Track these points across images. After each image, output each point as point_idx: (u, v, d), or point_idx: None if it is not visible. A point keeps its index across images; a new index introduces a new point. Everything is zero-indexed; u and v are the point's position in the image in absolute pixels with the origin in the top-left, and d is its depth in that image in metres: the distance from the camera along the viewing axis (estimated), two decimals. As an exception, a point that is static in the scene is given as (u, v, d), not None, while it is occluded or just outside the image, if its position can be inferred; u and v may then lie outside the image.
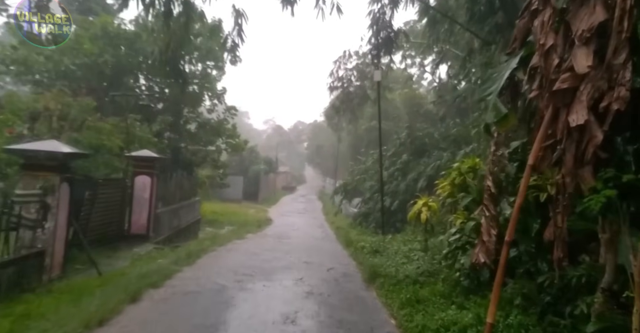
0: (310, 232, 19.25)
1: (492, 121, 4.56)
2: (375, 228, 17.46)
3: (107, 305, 5.56)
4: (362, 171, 21.89)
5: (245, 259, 9.85)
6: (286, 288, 7.24)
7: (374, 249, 10.10)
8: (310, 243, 14.50)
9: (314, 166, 65.00)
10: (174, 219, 11.88)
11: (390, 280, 7.21)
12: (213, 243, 11.98)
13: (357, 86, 20.11)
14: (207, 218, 22.28)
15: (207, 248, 11.02)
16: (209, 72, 19.89)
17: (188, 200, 13.17)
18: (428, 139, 18.91)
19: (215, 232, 17.98)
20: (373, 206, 18.75)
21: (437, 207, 9.57)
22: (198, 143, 21.16)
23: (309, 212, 30.97)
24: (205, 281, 7.39)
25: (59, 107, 10.39)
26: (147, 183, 10.37)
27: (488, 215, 4.92)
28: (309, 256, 10.73)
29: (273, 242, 13.95)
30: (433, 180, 16.07)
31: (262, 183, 36.00)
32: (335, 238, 17.23)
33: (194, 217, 13.76)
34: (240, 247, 12.08)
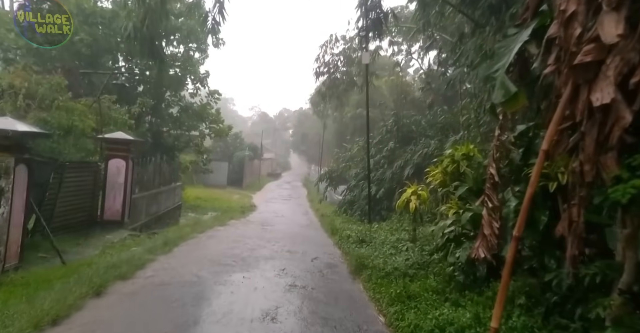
0: (295, 219, 18.71)
1: (499, 101, 3.98)
2: (360, 216, 16.99)
3: (65, 299, 4.89)
4: (348, 159, 21.32)
5: (226, 247, 9.23)
6: (268, 280, 6.66)
7: (359, 238, 9.58)
8: (294, 230, 13.94)
9: (299, 154, 64.24)
10: (153, 205, 11.13)
11: (378, 273, 6.69)
12: (193, 230, 11.31)
13: (344, 71, 19.39)
14: (190, 203, 21.54)
15: (187, 235, 10.35)
16: (191, 55, 18.88)
17: (168, 185, 12.41)
18: (415, 127, 18.40)
19: (197, 218, 17.28)
20: (358, 194, 18.26)
21: (427, 196, 9.07)
22: (181, 127, 20.23)
23: (293, 199, 30.42)
24: (180, 271, 6.75)
25: (26, 85, 9.45)
26: (121, 167, 9.58)
27: (490, 206, 4.39)
28: (292, 245, 10.17)
29: (256, 229, 13.35)
30: (420, 168, 15.65)
31: (246, 169, 35.19)
32: (319, 225, 16.73)
33: (174, 203, 13.02)
34: (222, 234, 11.44)
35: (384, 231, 10.74)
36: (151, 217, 10.95)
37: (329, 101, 20.38)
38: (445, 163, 7.73)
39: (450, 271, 5.67)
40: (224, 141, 35.60)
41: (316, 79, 19.45)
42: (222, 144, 35.67)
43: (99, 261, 6.74)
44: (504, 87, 3.96)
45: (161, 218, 11.74)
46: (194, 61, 19.06)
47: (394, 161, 17.43)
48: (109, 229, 9.20)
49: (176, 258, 7.83)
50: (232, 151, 35.40)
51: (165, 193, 12.14)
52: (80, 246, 7.83)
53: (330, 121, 39.32)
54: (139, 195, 10.60)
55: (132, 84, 18.24)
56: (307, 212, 22.68)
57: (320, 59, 19.18)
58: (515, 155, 4.76)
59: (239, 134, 37.18)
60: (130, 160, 9.84)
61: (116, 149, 9.56)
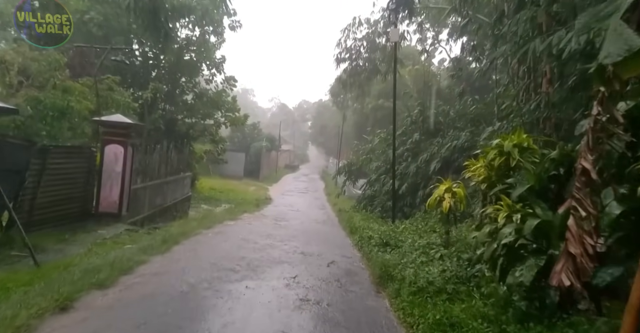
0: (311, 214, 17.55)
1: (612, 60, 2.64)
2: (381, 213, 15.70)
3: (18, 315, 3.83)
4: (368, 151, 19.97)
5: (232, 247, 8.11)
6: (275, 292, 5.49)
7: (383, 240, 8.30)
8: (309, 227, 12.77)
9: (318, 146, 63.02)
10: (157, 196, 10.13)
11: (409, 287, 5.43)
12: (200, 225, 10.25)
13: (367, 58, 17.97)
14: (205, 194, 20.67)
15: (191, 230, 9.28)
16: (206, 39, 17.77)
17: (176, 175, 11.39)
18: (442, 118, 16.88)
19: (208, 211, 16.31)
20: (379, 189, 16.94)
21: (464, 194, 7.72)
22: (195, 115, 19.24)
23: (310, 192, 29.29)
24: (173, 278, 5.64)
25: (20, 60, 8.47)
26: (119, 153, 8.54)
27: (582, 215, 3.07)
28: (306, 245, 8.99)
29: (269, 225, 12.23)
30: (448, 162, 14.23)
31: (263, 160, 34.19)
32: (337, 222, 15.52)
33: (183, 194, 12.02)
34: (231, 230, 10.35)
35: (410, 232, 9.42)
36: (155, 210, 9.93)
37: (350, 89, 19.02)
38: (490, 155, 6.37)
39: (506, 294, 4.37)
40: (241, 132, 34.66)
41: (337, 65, 18.12)
42: (239, 135, 34.75)
43: (80, 263, 5.69)
44: (621, 40, 2.61)
45: (167, 210, 10.74)
46: (209, 46, 17.95)
47: (418, 154, 16.03)
48: (103, 223, 8.20)
49: (173, 259, 6.73)
50: (250, 142, 34.42)
51: (173, 184, 11.13)
52: (64, 243, 6.82)
53: (350, 112, 37.93)
54: (141, 185, 9.58)
55: (146, 68, 17.28)
56: (324, 206, 21.50)
57: (341, 44, 17.83)
58: (617, 143, 3.39)
59: (256, 124, 36.17)
60: (129, 146, 8.78)
61: (114, 133, 8.51)
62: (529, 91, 10.93)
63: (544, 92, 9.90)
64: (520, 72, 12.19)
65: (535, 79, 10.66)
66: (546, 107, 9.67)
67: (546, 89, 10.01)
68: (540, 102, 9.65)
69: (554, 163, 4.63)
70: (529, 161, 5.57)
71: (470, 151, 13.70)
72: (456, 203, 7.80)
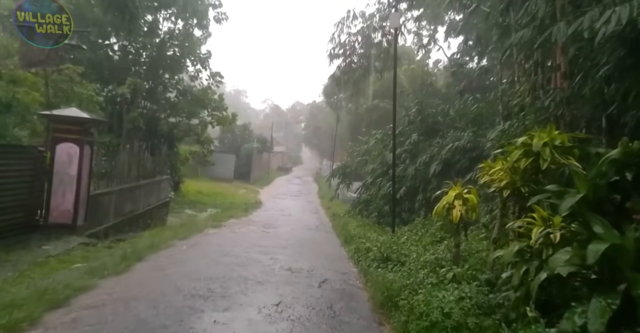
0: (303, 219, 16.37)
1: None
2: (377, 219, 14.55)
3: None
4: (363, 153, 18.82)
5: (208, 263, 6.88)
6: (251, 328, 4.29)
7: (383, 254, 7.13)
8: (300, 235, 11.59)
9: (311, 148, 61.86)
10: (126, 202, 8.86)
11: (419, 320, 4.28)
12: (175, 235, 9.02)
13: (362, 54, 16.85)
14: (190, 198, 19.38)
15: (163, 242, 8.05)
16: (190, 32, 16.54)
17: (151, 178, 10.12)
18: (441, 118, 15.80)
19: (192, 216, 15.08)
20: (375, 193, 15.78)
21: (477, 201, 6.57)
22: (179, 114, 17.97)
23: (303, 195, 28.10)
24: (118, 311, 4.41)
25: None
26: (73, 153, 7.26)
27: None
28: (296, 258, 7.81)
29: (256, 233, 11.03)
30: (449, 164, 13.13)
31: (254, 162, 32.92)
32: (331, 228, 14.37)
33: (159, 199, 10.75)
34: (211, 241, 9.11)
35: (412, 243, 8.25)
36: (123, 218, 8.66)
37: (344, 87, 17.88)
38: (514, 156, 5.23)
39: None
40: (231, 133, 33.39)
41: (330, 62, 16.96)
42: (229, 136, 33.47)
43: (1, 292, 4.43)
44: None
45: (139, 218, 9.48)
46: (194, 40, 16.71)
47: (417, 156, 14.91)
48: (53, 236, 6.92)
49: (128, 283, 5.50)
50: (240, 143, 33.13)
51: (147, 188, 9.86)
52: (-5, 263, 5.56)
53: (344, 113, 36.82)
54: (105, 191, 8.30)
55: (125, 64, 16.00)
56: (317, 210, 20.32)
57: (335, 39, 16.69)
58: None
59: (247, 125, 34.90)
60: (86, 145, 7.51)
61: (67, 130, 7.19)
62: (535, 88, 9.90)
63: (558, 88, 8.87)
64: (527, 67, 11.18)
65: (545, 74, 9.63)
66: (561, 104, 8.63)
67: (560, 84, 8.98)
68: (555, 99, 8.61)
69: (615, 165, 3.49)
70: (565, 163, 4.45)
71: (473, 152, 12.65)
72: (467, 211, 6.65)
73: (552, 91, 8.89)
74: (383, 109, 30.25)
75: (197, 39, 16.81)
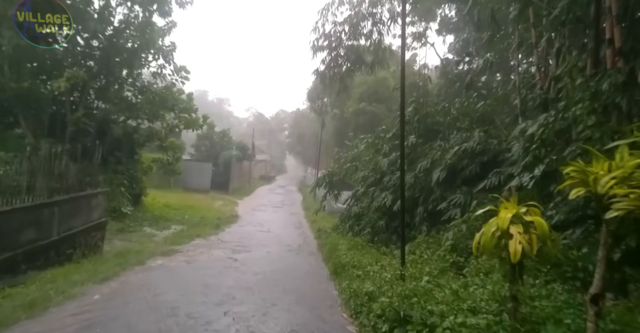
0: (284, 237, 13.75)
1: None
2: (371, 236, 11.98)
3: None
4: (352, 158, 16.32)
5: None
6: None
7: (398, 311, 4.55)
8: (277, 262, 8.98)
9: (296, 155, 59.26)
10: (26, 228, 6.06)
11: None
12: (95, 273, 6.28)
13: (349, 46, 14.48)
14: (153, 214, 16.46)
15: (65, 290, 5.32)
16: (150, 20, 13.91)
17: (75, 193, 7.37)
18: (441, 117, 13.46)
19: (148, 237, 12.26)
20: (368, 205, 13.25)
21: (548, 228, 4.07)
22: (140, 116, 15.22)
23: (286, 206, 25.43)
24: None
25: None
26: None
27: None
28: (265, 312, 5.19)
29: (217, 262, 8.37)
30: (455, 171, 10.76)
31: (234, 171, 30.08)
32: (316, 248, 11.82)
33: (88, 220, 7.96)
34: (145, 282, 6.34)
35: (429, 277, 5.70)
36: (15, 252, 5.82)
37: (330, 84, 15.43)
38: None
39: None
40: (209, 139, 30.57)
41: (313, 55, 14.51)
42: (207, 143, 30.62)
43: None
44: None
45: (51, 249, 6.65)
46: (155, 29, 14.08)
47: (415, 161, 12.49)
48: None
49: None
50: (219, 151, 30.28)
51: (66, 206, 7.08)
52: None
53: (328, 118, 34.44)
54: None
55: (74, 57, 13.25)
56: (300, 224, 17.71)
57: (318, 28, 14.26)
58: None
59: (226, 131, 32.11)
60: None
61: None
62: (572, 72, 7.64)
63: (611, 69, 6.62)
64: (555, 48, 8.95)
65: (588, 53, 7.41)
66: (617, 89, 6.39)
67: (612, 65, 6.73)
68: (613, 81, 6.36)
69: None
70: None
71: (483, 156, 10.30)
72: (530, 242, 4.16)
73: (601, 74, 6.65)
74: (370, 112, 28.02)
75: (159, 29, 14.19)
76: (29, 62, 12.63)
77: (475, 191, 9.37)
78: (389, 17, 13.80)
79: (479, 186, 9.21)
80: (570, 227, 5.89)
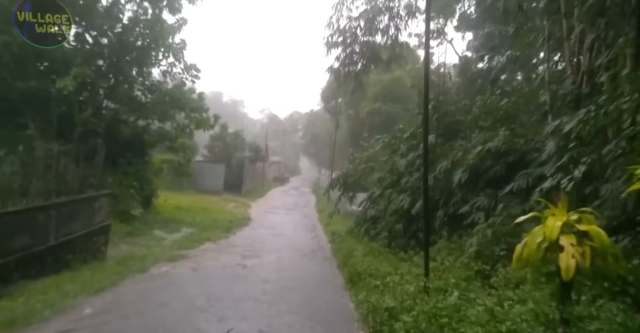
0: (296, 241, 13.19)
1: None
2: (388, 240, 11.31)
3: None
4: (367, 159, 15.66)
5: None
6: None
7: (421, 330, 3.93)
8: (289, 270, 8.42)
9: (309, 157, 58.72)
10: (18, 233, 5.63)
11: None
12: (91, 283, 5.80)
13: (364, 42, 13.81)
14: (164, 216, 16.11)
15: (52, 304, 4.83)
16: (159, 16, 13.55)
17: (73, 196, 6.96)
18: (462, 116, 12.71)
19: (157, 240, 11.84)
20: (384, 207, 12.59)
21: (607, 241, 3.37)
22: (150, 116, 14.89)
23: (299, 208, 24.88)
24: None
25: None
26: None
27: None
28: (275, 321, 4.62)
29: (225, 268, 7.86)
30: (478, 172, 10.04)
31: (247, 172, 29.69)
32: (330, 253, 11.23)
33: (90, 224, 7.52)
34: (144, 294, 5.83)
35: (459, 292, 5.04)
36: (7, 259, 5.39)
37: (344, 82, 14.78)
38: None
39: None
40: (222, 141, 30.25)
41: (328, 52, 13.84)
42: (220, 144, 30.32)
43: None
44: None
45: (48, 255, 6.21)
46: (165, 26, 13.72)
47: (435, 162, 11.78)
48: None
49: None
50: (232, 152, 29.94)
51: (66, 210, 6.64)
52: None
53: (343, 119, 33.77)
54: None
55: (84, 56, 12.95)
56: (314, 228, 17.13)
57: (333, 24, 13.60)
58: None
59: (240, 132, 31.77)
60: None
61: None
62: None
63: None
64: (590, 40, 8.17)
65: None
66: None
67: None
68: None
69: None
70: None
71: (509, 157, 9.55)
72: (584, 255, 3.47)
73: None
74: (386, 113, 27.28)
75: (169, 26, 13.83)
76: (38, 62, 12.38)
77: (500, 193, 8.69)
78: (407, 13, 13.12)
79: (505, 189, 8.50)
80: (614, 234, 5.17)
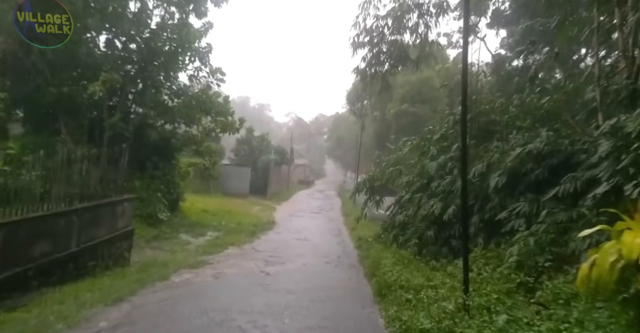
0: (321, 246, 12.76)
1: None
2: (418, 247, 10.68)
3: None
4: (394, 162, 15.03)
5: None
6: None
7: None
8: (314, 277, 8.00)
9: (335, 159, 58.26)
10: (38, 239, 5.47)
11: None
12: (109, 292, 5.58)
13: (392, 42, 13.28)
14: (190, 219, 16.06)
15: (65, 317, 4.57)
16: (186, 21, 13.50)
17: (97, 200, 6.81)
18: (498, 116, 11.92)
19: (183, 244, 11.70)
20: (414, 212, 11.96)
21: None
22: (177, 120, 14.87)
23: (325, 211, 24.45)
24: None
25: None
26: None
27: None
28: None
29: (248, 276, 7.53)
30: (517, 175, 9.28)
31: (272, 175, 29.54)
32: (356, 260, 10.75)
33: (114, 229, 7.36)
34: (163, 302, 5.57)
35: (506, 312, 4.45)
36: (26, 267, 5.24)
37: (371, 82, 14.29)
38: None
39: None
40: (248, 144, 30.28)
41: (354, 52, 13.40)
42: (246, 148, 30.35)
43: None
44: None
45: (69, 261, 6.05)
46: (191, 30, 13.67)
47: (468, 165, 11.02)
48: None
49: None
50: (258, 155, 29.90)
51: (88, 215, 6.51)
52: None
53: (368, 121, 33.16)
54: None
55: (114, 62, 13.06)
56: (339, 232, 16.65)
57: (359, 24, 13.16)
58: None
59: (265, 135, 31.72)
60: None
61: None
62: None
63: None
64: None
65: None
66: None
67: None
68: None
69: None
70: None
71: (553, 159, 8.75)
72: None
73: None
74: (413, 114, 26.49)
75: (195, 30, 13.77)
76: (71, 68, 12.55)
77: (543, 199, 7.95)
78: (437, 10, 12.52)
79: (549, 194, 7.76)
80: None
